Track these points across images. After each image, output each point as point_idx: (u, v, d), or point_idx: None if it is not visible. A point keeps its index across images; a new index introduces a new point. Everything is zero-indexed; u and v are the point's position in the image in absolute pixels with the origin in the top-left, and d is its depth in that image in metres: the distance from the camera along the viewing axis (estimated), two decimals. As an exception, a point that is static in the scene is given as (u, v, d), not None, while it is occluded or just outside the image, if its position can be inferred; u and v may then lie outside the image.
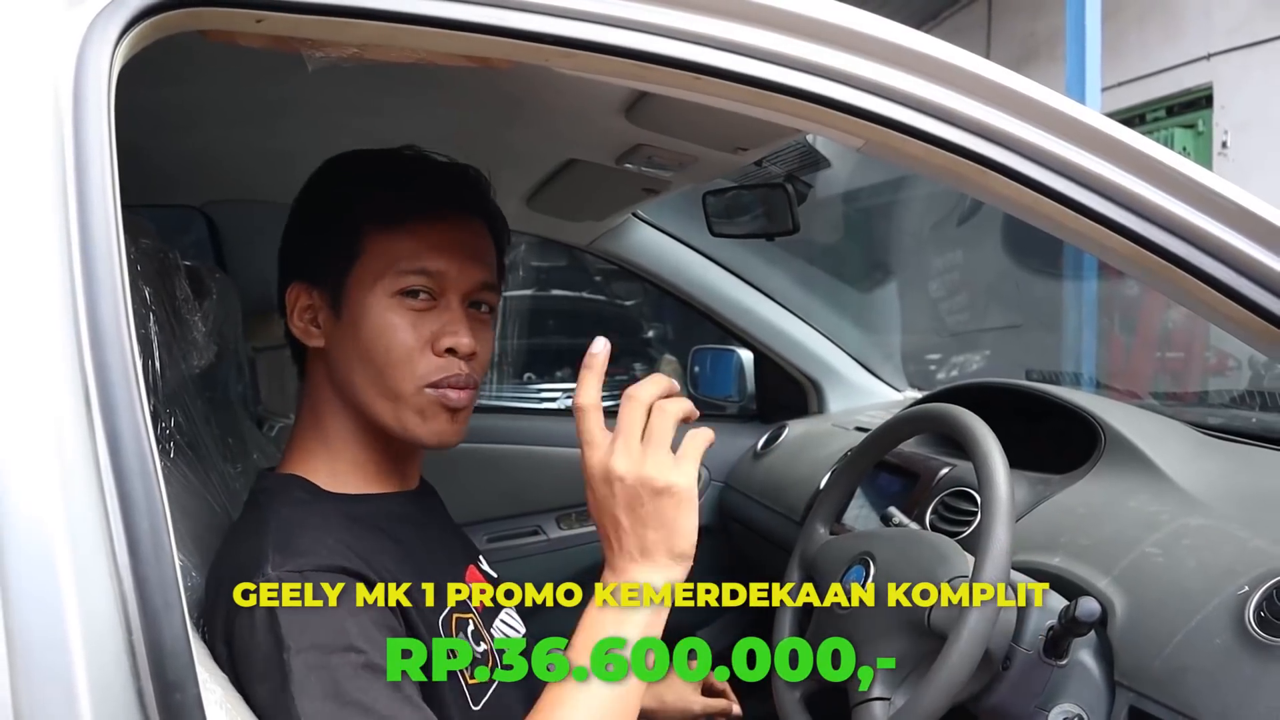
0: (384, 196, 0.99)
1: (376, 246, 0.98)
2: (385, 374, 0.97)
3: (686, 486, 0.85)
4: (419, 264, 0.98)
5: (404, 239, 0.98)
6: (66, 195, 0.62)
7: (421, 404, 0.98)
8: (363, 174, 1.04)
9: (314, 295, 1.01)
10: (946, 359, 4.57)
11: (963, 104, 0.82)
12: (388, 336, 0.97)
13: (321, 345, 1.01)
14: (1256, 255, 0.84)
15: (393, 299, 0.97)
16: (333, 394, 1.01)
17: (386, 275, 0.97)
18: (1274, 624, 0.92)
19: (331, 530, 0.91)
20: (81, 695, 0.55)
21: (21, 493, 0.56)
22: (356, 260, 0.98)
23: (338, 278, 0.99)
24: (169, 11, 0.68)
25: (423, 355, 0.97)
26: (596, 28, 0.75)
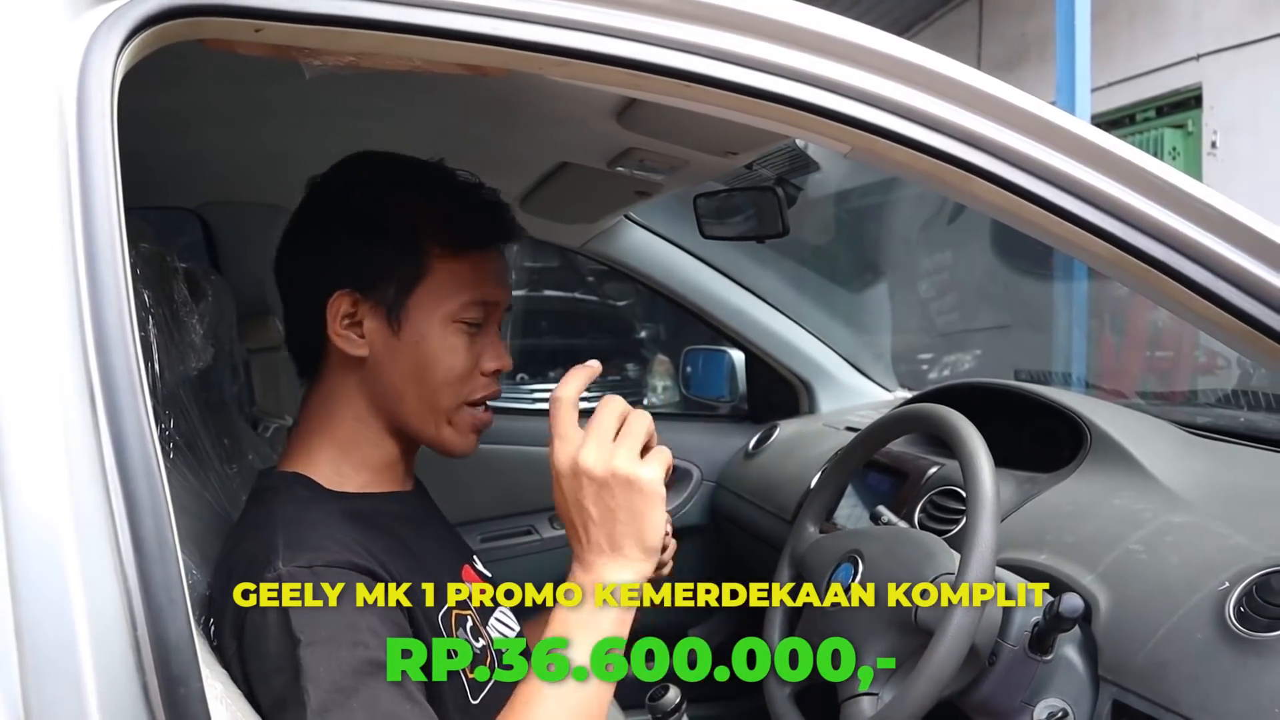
0: (449, 220, 1.01)
1: (443, 271, 1.00)
2: (439, 392, 1.01)
3: (654, 480, 0.86)
4: (481, 295, 1.02)
5: (468, 267, 1.01)
6: (71, 201, 0.63)
7: (461, 420, 1.03)
8: (424, 190, 1.04)
9: (361, 305, 1.00)
10: (936, 359, 4.59)
11: (947, 111, 0.84)
12: (449, 359, 1.00)
13: (364, 355, 1.00)
14: (1234, 259, 0.85)
15: (455, 324, 1.01)
16: (362, 399, 1.02)
17: (452, 302, 1.00)
18: (1253, 619, 0.94)
19: (337, 526, 0.93)
20: (89, 689, 0.56)
21: (30, 493, 0.58)
22: (420, 281, 1.00)
23: (399, 295, 0.99)
24: (170, 21, 0.69)
25: (474, 375, 1.03)
26: (590, 37, 0.77)
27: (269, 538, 0.89)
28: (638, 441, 0.88)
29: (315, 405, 1.05)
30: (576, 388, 0.90)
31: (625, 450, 0.86)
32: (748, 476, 2.10)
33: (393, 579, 0.90)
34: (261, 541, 0.89)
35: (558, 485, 0.88)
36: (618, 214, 1.97)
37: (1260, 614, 0.93)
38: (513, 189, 1.72)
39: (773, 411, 2.27)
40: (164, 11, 0.69)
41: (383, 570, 0.90)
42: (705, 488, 2.22)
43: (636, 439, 0.88)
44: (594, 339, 5.27)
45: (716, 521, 2.20)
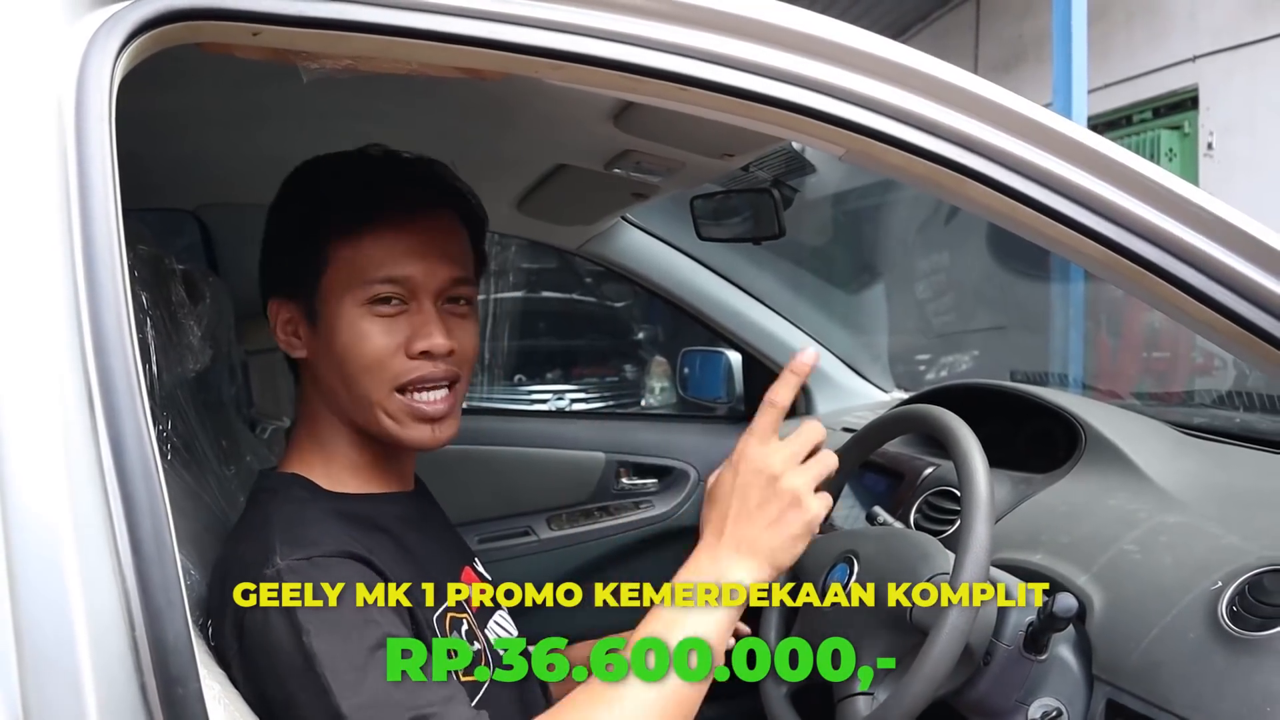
0: (346, 204, 0.99)
1: (341, 257, 0.98)
2: (359, 380, 0.98)
3: (816, 515, 0.89)
4: (384, 272, 0.98)
5: (368, 247, 0.98)
6: (70, 204, 0.63)
7: (393, 409, 0.99)
8: (325, 181, 1.03)
9: (291, 308, 1.02)
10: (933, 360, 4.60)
11: (941, 114, 0.84)
12: (360, 345, 0.98)
13: (305, 356, 1.02)
14: (1227, 261, 0.86)
15: (363, 308, 0.98)
16: (321, 401, 1.03)
17: (354, 286, 0.98)
18: (1245, 618, 0.94)
19: (333, 524, 0.93)
20: (87, 690, 0.57)
21: (29, 495, 0.58)
22: (324, 272, 0.99)
23: (309, 290, 1.00)
24: (168, 25, 0.70)
25: (396, 358, 0.98)
26: (586, 40, 0.77)
27: (265, 537, 0.89)
28: (819, 475, 0.90)
29: (298, 408, 1.06)
30: (789, 396, 0.94)
31: (807, 476, 0.89)
32: (745, 477, 2.10)
33: (391, 580, 0.90)
34: (259, 541, 0.90)
35: (730, 470, 0.91)
36: (615, 216, 1.97)
37: (1253, 613, 0.94)
38: (510, 191, 1.73)
39: (770, 412, 2.27)
40: (162, 15, 0.69)
41: (381, 568, 0.91)
42: (702, 489, 2.21)
43: (818, 472, 0.90)
44: (592, 340, 5.28)
45: (713, 522, 2.20)
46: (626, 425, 2.52)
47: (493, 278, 4.76)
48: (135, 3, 0.68)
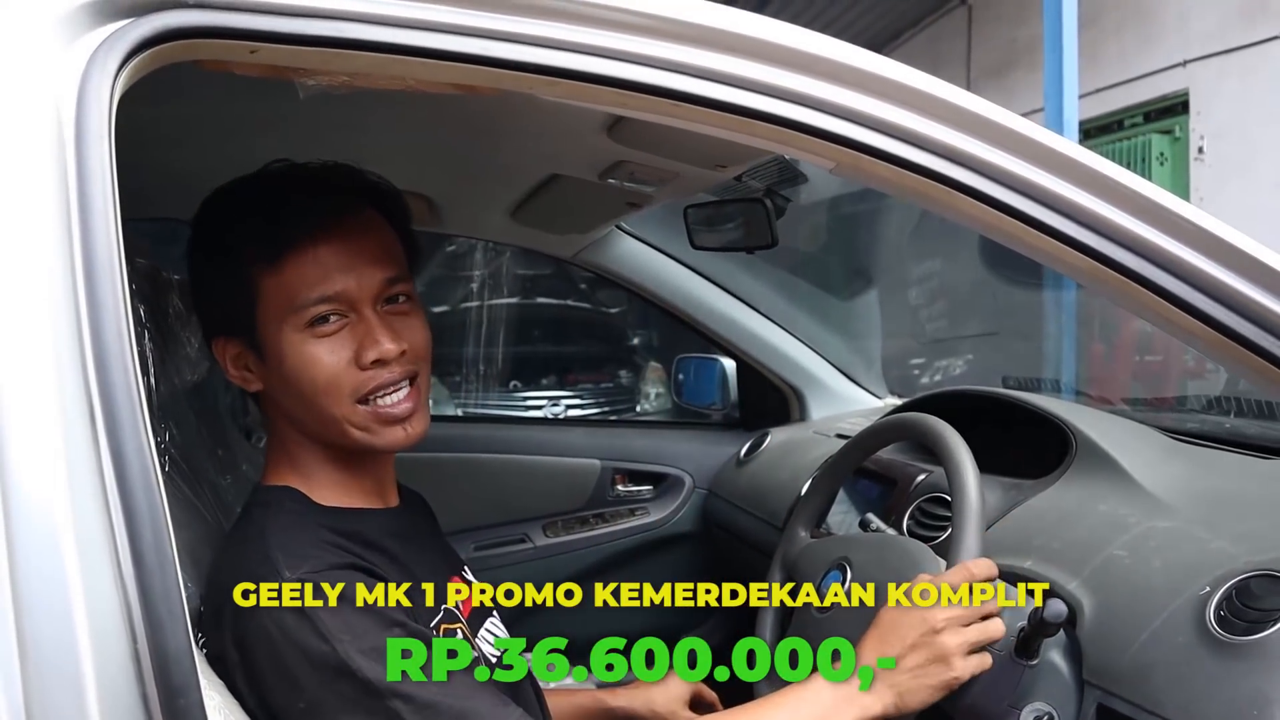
0: (258, 232, 0.97)
1: (268, 287, 0.96)
2: (317, 402, 0.97)
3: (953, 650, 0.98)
4: (316, 293, 0.96)
5: (291, 272, 0.96)
6: (70, 220, 0.64)
7: (360, 420, 0.98)
8: (233, 212, 1.01)
9: (236, 345, 1.00)
10: (926, 366, 4.61)
11: (930, 128, 0.86)
12: (310, 370, 0.96)
13: (261, 389, 1.01)
14: (1208, 270, 0.87)
15: (303, 333, 0.96)
16: (288, 425, 1.02)
17: (289, 313, 0.96)
18: (1233, 623, 0.95)
19: (329, 536, 0.95)
20: (90, 700, 0.58)
21: (31, 506, 0.59)
22: (255, 305, 0.97)
23: (247, 325, 0.98)
24: (167, 43, 0.71)
25: (348, 373, 0.97)
26: (579, 57, 0.78)
27: (262, 551, 0.90)
28: (976, 641, 1.00)
29: (269, 434, 1.06)
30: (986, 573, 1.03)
31: (964, 638, 0.99)
32: (739, 483, 2.11)
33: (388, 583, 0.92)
34: (257, 556, 0.91)
35: (908, 609, 1.01)
36: (609, 224, 1.98)
37: (1240, 618, 0.95)
38: (505, 200, 1.74)
39: (764, 419, 2.28)
40: (161, 34, 0.70)
41: (384, 576, 0.93)
42: (697, 495, 2.23)
43: (977, 639, 1.00)
44: (586, 347, 5.28)
45: (708, 528, 2.21)
46: (621, 432, 2.54)
47: (487, 285, 4.77)
48: (134, 21, 0.69)
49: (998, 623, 1.00)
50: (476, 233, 2.28)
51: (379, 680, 0.83)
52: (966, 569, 1.01)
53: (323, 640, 0.84)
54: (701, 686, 1.40)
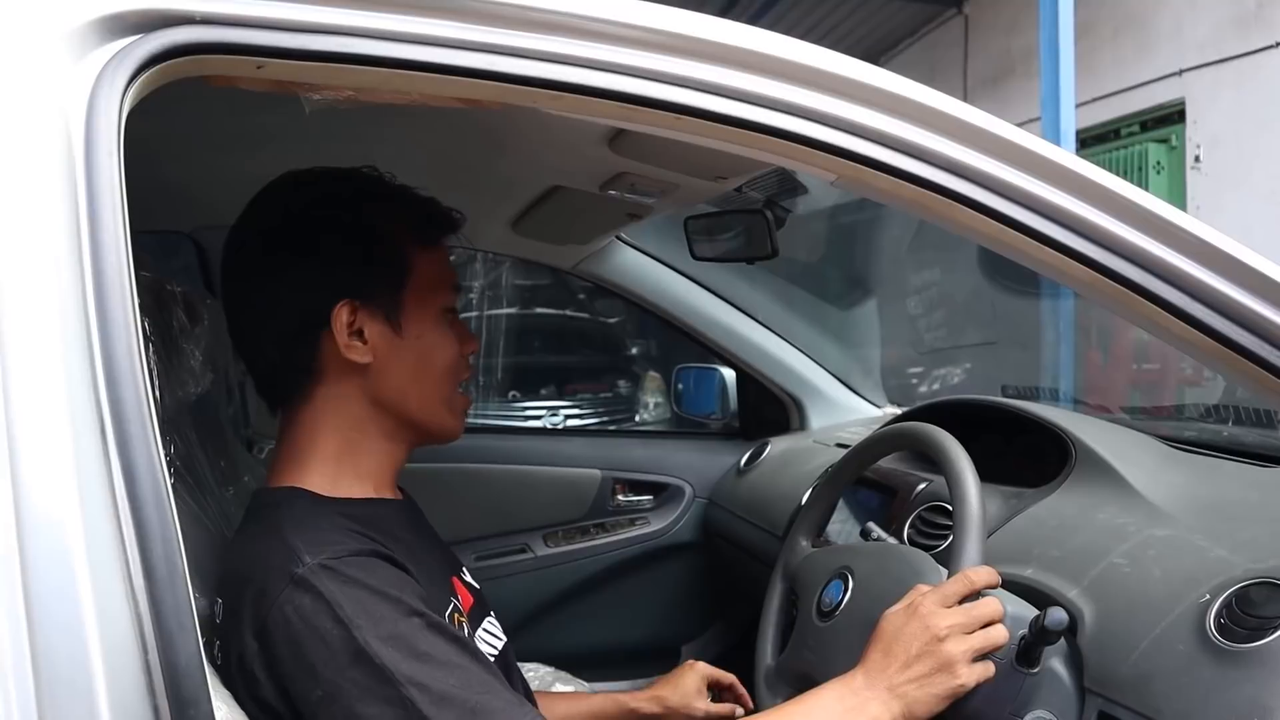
0: (417, 217, 1.08)
1: (424, 266, 1.06)
2: (442, 381, 1.08)
3: (966, 683, 0.97)
4: (454, 280, 1.11)
5: (439, 258, 1.09)
6: (80, 236, 0.65)
7: (455, 404, 1.11)
8: (386, 194, 1.09)
9: (362, 314, 1.03)
10: (925, 375, 4.62)
11: (929, 139, 0.86)
12: (445, 348, 1.08)
13: (368, 360, 1.03)
14: (1206, 279, 0.88)
15: (443, 314, 1.08)
16: (362, 407, 1.04)
17: (437, 293, 1.07)
18: (1233, 630, 0.95)
19: (345, 523, 0.96)
20: (102, 711, 0.58)
21: (42, 520, 0.60)
22: (408, 277, 1.05)
23: (394, 296, 1.04)
24: (175, 59, 0.71)
25: (459, 362, 1.10)
26: (583, 71, 0.79)
27: (281, 540, 0.91)
28: (980, 648, 0.98)
29: (304, 425, 1.05)
30: (988, 581, 1.03)
31: (967, 645, 0.98)
32: (739, 493, 2.12)
33: (412, 576, 0.94)
34: (274, 545, 0.91)
35: (904, 613, 1.01)
36: (609, 235, 1.99)
37: (1240, 625, 0.95)
38: (506, 212, 1.75)
39: (764, 428, 2.29)
40: (168, 50, 0.71)
41: (404, 564, 0.94)
42: (697, 505, 2.23)
43: (981, 645, 0.98)
44: (586, 357, 5.29)
45: (709, 538, 2.21)
46: (622, 442, 2.54)
47: (487, 295, 4.77)
48: (143, 38, 0.70)
49: (1000, 629, 1.00)
50: (478, 244, 2.28)
51: (396, 668, 0.83)
52: (968, 577, 1.01)
53: (341, 625, 0.84)
54: (718, 672, 1.40)
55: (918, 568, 1.13)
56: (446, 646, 0.87)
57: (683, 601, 2.26)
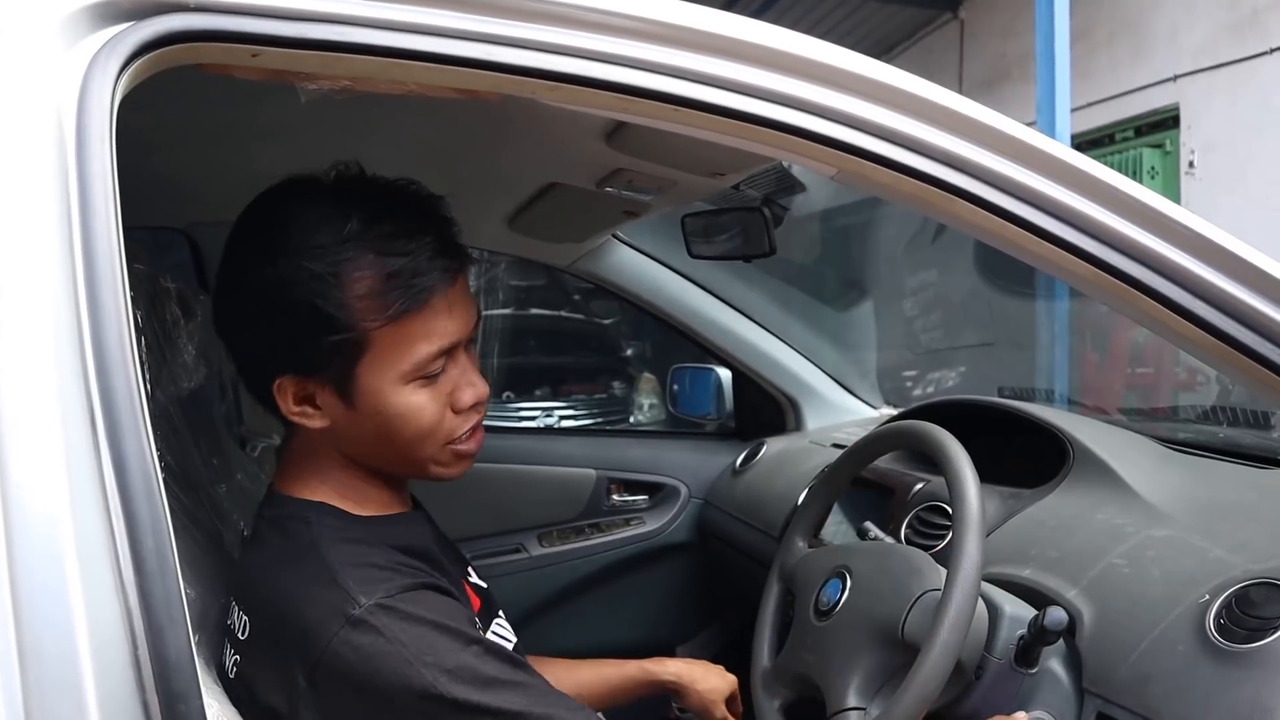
0: (377, 292, 0.90)
1: (384, 340, 0.91)
2: (413, 447, 0.97)
3: None
4: (435, 347, 0.93)
5: (415, 325, 0.92)
6: (71, 225, 0.64)
7: (446, 459, 1.00)
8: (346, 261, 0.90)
9: (309, 384, 0.94)
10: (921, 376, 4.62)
11: (930, 134, 0.86)
12: (416, 419, 0.95)
13: (325, 425, 0.96)
14: (1209, 278, 0.88)
15: (411, 384, 0.94)
16: (338, 454, 0.99)
17: (403, 365, 0.92)
18: (1232, 631, 0.95)
19: (389, 552, 0.94)
20: (90, 706, 0.57)
21: (31, 511, 0.59)
22: (363, 355, 0.91)
23: (342, 371, 0.92)
24: (168, 47, 0.70)
25: (447, 418, 0.97)
26: (581, 62, 0.78)
27: (328, 575, 0.89)
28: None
29: (298, 450, 1.02)
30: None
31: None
32: (735, 494, 2.11)
33: (457, 600, 0.95)
34: (320, 580, 0.89)
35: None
36: (605, 233, 1.98)
37: (1240, 626, 0.95)
38: (502, 209, 1.74)
39: (760, 429, 2.28)
40: (163, 37, 0.70)
41: (449, 590, 0.94)
42: (693, 505, 2.23)
43: None
44: (581, 357, 5.28)
45: (704, 538, 2.20)
46: (617, 441, 2.53)
47: (482, 295, 4.77)
48: (135, 25, 0.69)
49: None
50: (472, 241, 2.25)
51: (468, 699, 0.84)
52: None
53: (407, 664, 0.84)
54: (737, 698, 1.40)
55: (917, 567, 1.12)
56: (505, 666, 0.89)
57: (678, 602, 2.25)
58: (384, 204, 0.95)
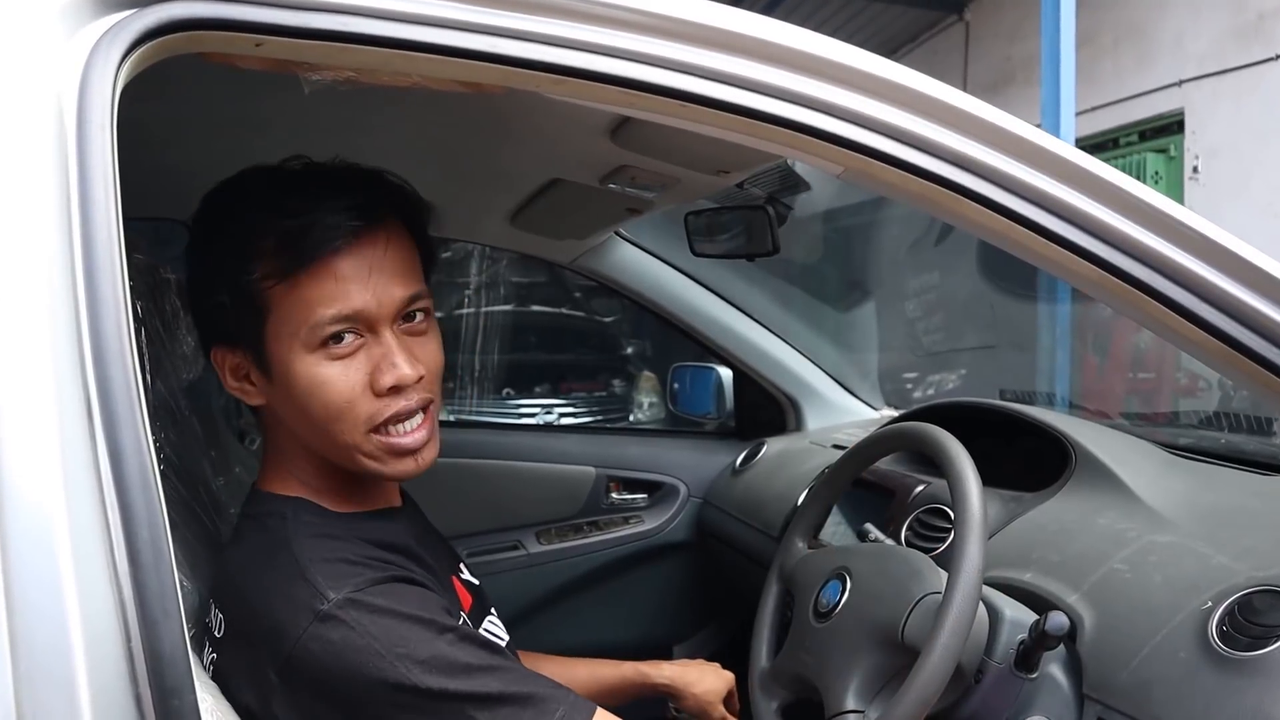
0: (274, 240, 0.89)
1: (281, 301, 0.90)
2: (329, 429, 0.93)
3: None
4: (331, 311, 0.89)
5: (307, 286, 0.89)
6: (70, 214, 0.63)
7: (371, 450, 0.94)
8: (246, 215, 0.92)
9: (238, 355, 0.95)
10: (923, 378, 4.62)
11: (938, 133, 0.85)
12: (321, 393, 0.91)
13: (262, 403, 0.96)
14: (1215, 281, 0.87)
15: (315, 353, 0.90)
16: (291, 439, 0.98)
17: (301, 330, 0.90)
18: (1235, 638, 0.95)
19: (361, 547, 0.93)
20: (82, 700, 0.56)
21: (26, 502, 0.58)
22: (266, 318, 0.91)
23: (253, 338, 0.92)
24: (171, 35, 0.70)
25: (363, 399, 0.92)
26: (587, 56, 0.78)
27: (298, 571, 0.88)
28: None
29: (267, 445, 1.02)
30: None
31: None
32: (734, 493, 2.11)
33: (432, 592, 0.93)
34: (290, 575, 0.89)
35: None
36: (608, 230, 1.98)
37: (1242, 633, 0.94)
38: (504, 204, 1.73)
39: (760, 428, 2.28)
40: (165, 25, 0.69)
41: (423, 582, 0.93)
42: (692, 504, 2.22)
43: None
44: (581, 355, 5.28)
45: (703, 538, 2.20)
46: (616, 439, 2.52)
47: (483, 291, 4.76)
48: (138, 12, 0.69)
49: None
50: (475, 237, 2.27)
51: (444, 687, 0.84)
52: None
53: (379, 657, 0.83)
54: (735, 700, 1.41)
55: (917, 569, 1.12)
56: (481, 652, 0.88)
57: (675, 601, 2.25)
58: (302, 175, 0.97)
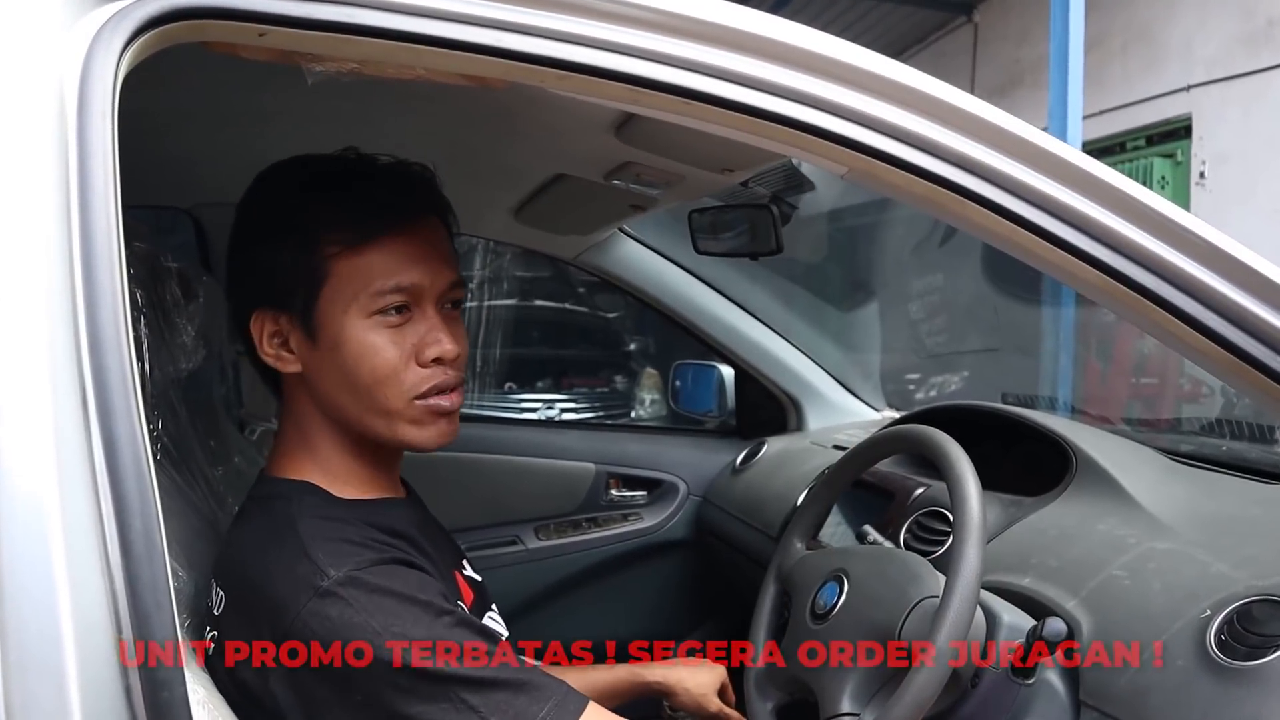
0: (342, 213, 0.97)
1: (344, 269, 0.96)
2: (374, 393, 0.97)
3: None
4: (393, 282, 0.96)
5: (371, 257, 0.96)
6: (69, 201, 0.63)
7: (414, 415, 0.99)
8: (313, 187, 1.00)
9: (281, 321, 0.98)
10: (924, 380, 4.61)
11: (944, 136, 0.85)
12: (371, 358, 0.96)
13: (298, 370, 0.99)
14: (1221, 289, 0.86)
15: (370, 319, 0.96)
16: (317, 412, 1.01)
17: (360, 297, 0.96)
18: (1234, 647, 0.94)
19: (364, 529, 0.94)
20: (72, 691, 0.56)
21: (18, 491, 0.58)
22: (324, 284, 0.96)
23: (306, 302, 0.96)
24: (174, 23, 0.69)
25: (408, 369, 0.98)
26: (591, 51, 0.77)
27: (300, 549, 0.90)
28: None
29: (285, 420, 1.04)
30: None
31: None
32: (734, 492, 2.10)
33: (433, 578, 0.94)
34: (292, 554, 0.90)
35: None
36: (612, 227, 1.97)
37: (1241, 642, 0.94)
38: (508, 199, 1.73)
39: (761, 428, 2.27)
40: (168, 13, 0.69)
41: (424, 567, 0.94)
42: (691, 502, 2.22)
43: None
44: (583, 350, 5.28)
45: (702, 536, 2.20)
46: (617, 436, 2.52)
47: (486, 285, 4.76)
48: (140, 0, 0.68)
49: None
50: (478, 231, 2.26)
51: (435, 669, 0.84)
52: None
53: (375, 635, 0.84)
54: (729, 691, 1.41)
55: (916, 572, 1.11)
56: (476, 637, 0.89)
57: (673, 599, 2.24)
58: (357, 161, 1.04)
